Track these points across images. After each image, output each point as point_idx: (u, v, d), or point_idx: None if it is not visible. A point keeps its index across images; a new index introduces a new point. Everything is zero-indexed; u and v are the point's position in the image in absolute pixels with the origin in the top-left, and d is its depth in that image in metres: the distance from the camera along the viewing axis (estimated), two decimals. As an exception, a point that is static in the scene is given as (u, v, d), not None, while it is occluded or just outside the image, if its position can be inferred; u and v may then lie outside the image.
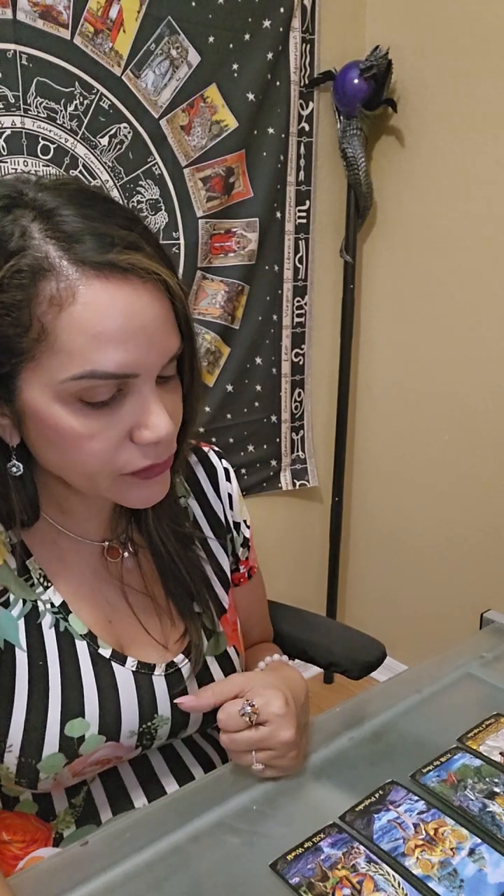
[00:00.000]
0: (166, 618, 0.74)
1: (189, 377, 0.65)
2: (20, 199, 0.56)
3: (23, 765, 0.63)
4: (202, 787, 0.67)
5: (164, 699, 0.71)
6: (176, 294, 0.58)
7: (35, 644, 0.65)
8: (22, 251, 0.54)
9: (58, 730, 0.64)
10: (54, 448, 0.59)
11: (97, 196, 0.59)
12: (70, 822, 0.70)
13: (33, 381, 0.56)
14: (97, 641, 0.69)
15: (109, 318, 0.54)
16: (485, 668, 0.86)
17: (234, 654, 0.78)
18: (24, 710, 0.64)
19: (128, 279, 0.55)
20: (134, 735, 0.69)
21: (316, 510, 2.17)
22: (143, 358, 0.56)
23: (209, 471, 0.83)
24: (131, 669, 0.69)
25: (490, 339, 1.74)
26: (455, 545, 1.94)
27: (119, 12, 1.46)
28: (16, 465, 0.62)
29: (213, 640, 0.76)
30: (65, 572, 0.69)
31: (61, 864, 0.59)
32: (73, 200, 0.56)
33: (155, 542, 0.74)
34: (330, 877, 0.56)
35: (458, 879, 0.56)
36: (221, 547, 0.82)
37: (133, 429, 0.58)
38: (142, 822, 0.62)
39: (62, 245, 0.54)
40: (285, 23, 1.70)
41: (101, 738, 0.66)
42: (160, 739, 0.72)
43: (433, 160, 1.79)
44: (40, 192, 0.56)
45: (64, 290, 0.53)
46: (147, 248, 0.56)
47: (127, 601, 0.72)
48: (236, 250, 1.76)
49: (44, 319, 0.54)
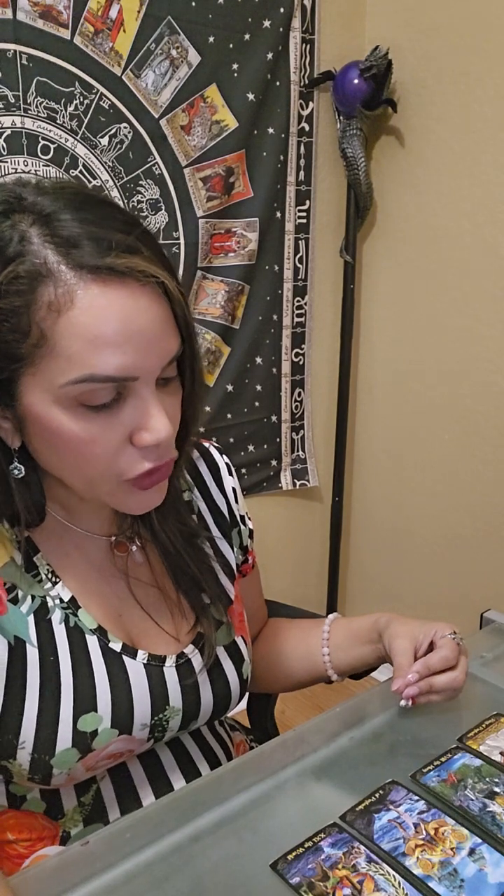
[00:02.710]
0: (176, 610, 0.75)
1: (190, 379, 0.65)
2: (18, 204, 0.56)
3: (36, 761, 0.63)
4: (202, 786, 0.67)
5: (176, 690, 0.71)
6: (174, 296, 0.59)
7: (45, 640, 0.66)
8: (20, 257, 0.54)
9: (70, 725, 0.64)
10: (55, 452, 0.60)
11: (95, 199, 0.59)
12: (78, 820, 0.70)
13: (33, 387, 0.56)
14: (107, 635, 0.69)
15: (107, 321, 0.54)
16: (485, 668, 0.86)
17: (242, 643, 0.78)
18: (36, 706, 0.64)
19: (125, 283, 0.55)
20: (146, 727, 0.69)
21: (316, 510, 2.17)
22: (141, 361, 0.56)
23: (212, 466, 0.84)
24: (142, 662, 0.70)
25: (490, 338, 1.74)
26: (455, 545, 1.94)
27: (119, 12, 1.46)
28: (18, 468, 0.62)
29: (223, 630, 0.77)
30: (72, 567, 0.70)
31: (62, 863, 0.59)
32: (72, 204, 0.56)
33: (160, 538, 0.75)
34: (330, 876, 0.56)
35: (459, 879, 0.56)
36: (226, 540, 0.82)
37: (133, 432, 0.59)
38: (142, 822, 0.62)
39: (60, 250, 0.54)
40: (285, 23, 1.70)
41: (114, 732, 0.67)
42: (171, 731, 0.72)
43: (433, 160, 1.79)
44: (39, 195, 0.56)
45: (62, 296, 0.53)
46: (145, 251, 0.56)
47: (134, 595, 0.73)
48: (236, 250, 1.76)
49: (43, 325, 0.54)
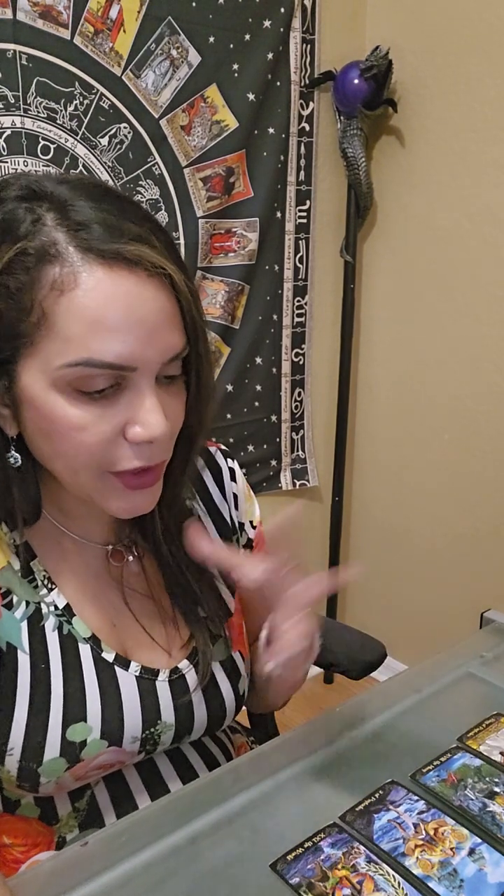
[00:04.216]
0: (170, 623, 0.73)
1: (196, 382, 0.64)
2: (40, 190, 0.56)
3: (24, 768, 0.63)
4: (202, 787, 0.67)
5: (168, 706, 0.69)
6: (182, 291, 0.58)
7: (38, 647, 0.65)
8: (31, 235, 0.54)
9: (59, 734, 0.63)
10: (47, 438, 0.58)
11: (115, 193, 0.59)
12: (73, 825, 0.69)
13: (31, 367, 0.55)
14: (101, 645, 0.68)
15: (110, 306, 0.53)
16: (485, 667, 0.86)
17: (240, 658, 0.77)
18: (25, 713, 0.63)
19: (133, 271, 0.54)
20: (137, 741, 0.68)
21: (316, 510, 2.17)
22: (141, 351, 0.55)
23: (214, 471, 0.81)
24: (135, 674, 0.68)
25: (490, 338, 1.74)
26: (455, 544, 1.94)
27: (119, 12, 1.46)
28: (13, 456, 0.61)
29: (219, 645, 0.75)
30: (68, 574, 0.69)
31: (61, 865, 0.59)
32: (90, 194, 0.56)
33: (160, 547, 0.73)
34: (330, 877, 0.56)
35: (458, 879, 0.56)
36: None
37: (127, 425, 0.57)
38: (141, 823, 0.62)
39: (71, 233, 0.53)
40: (285, 23, 1.70)
41: (104, 744, 0.65)
42: (164, 745, 0.71)
43: (433, 160, 1.79)
44: (59, 185, 0.56)
45: (66, 275, 0.53)
46: (157, 244, 0.56)
47: (128, 606, 0.71)
48: (236, 250, 1.76)
49: (44, 304, 0.53)
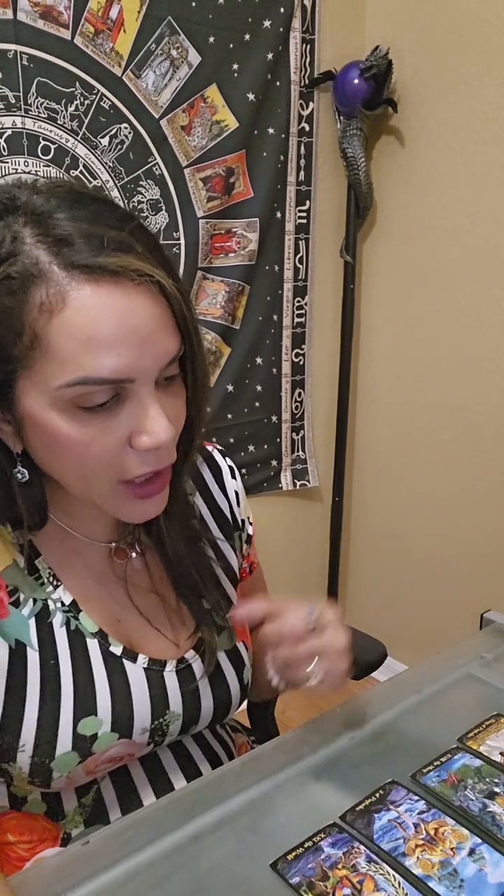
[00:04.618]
0: (175, 616, 0.74)
1: (192, 379, 0.64)
2: (12, 205, 0.55)
3: (36, 764, 0.63)
4: (203, 786, 0.67)
5: (176, 695, 0.71)
6: (171, 294, 0.57)
7: (46, 643, 0.65)
8: (12, 257, 0.53)
9: (71, 728, 0.64)
10: (53, 455, 0.59)
11: (89, 196, 0.58)
12: (79, 821, 0.70)
13: (30, 389, 0.56)
14: (108, 639, 0.69)
15: (100, 322, 0.53)
16: (485, 668, 0.86)
17: (243, 648, 0.78)
18: (36, 709, 0.64)
19: (119, 282, 0.54)
20: (146, 732, 0.69)
21: (316, 510, 2.17)
22: (137, 362, 0.55)
23: (214, 469, 0.83)
24: (143, 666, 0.70)
25: (490, 338, 1.74)
26: (455, 545, 1.94)
27: (119, 12, 1.46)
28: (21, 472, 0.62)
29: (224, 636, 0.76)
30: (72, 572, 0.69)
31: (63, 863, 0.59)
32: (65, 203, 0.55)
33: (164, 543, 0.74)
34: (330, 876, 0.56)
35: (459, 879, 0.56)
36: (228, 543, 0.82)
37: (132, 434, 0.58)
38: (143, 822, 0.62)
39: (52, 250, 0.53)
40: (285, 23, 1.70)
41: (114, 736, 0.66)
42: (171, 736, 0.72)
43: (433, 160, 1.79)
44: (33, 195, 0.56)
45: (54, 296, 0.52)
46: (139, 248, 0.55)
47: (133, 602, 0.72)
48: (236, 250, 1.76)
49: (35, 326, 0.53)
